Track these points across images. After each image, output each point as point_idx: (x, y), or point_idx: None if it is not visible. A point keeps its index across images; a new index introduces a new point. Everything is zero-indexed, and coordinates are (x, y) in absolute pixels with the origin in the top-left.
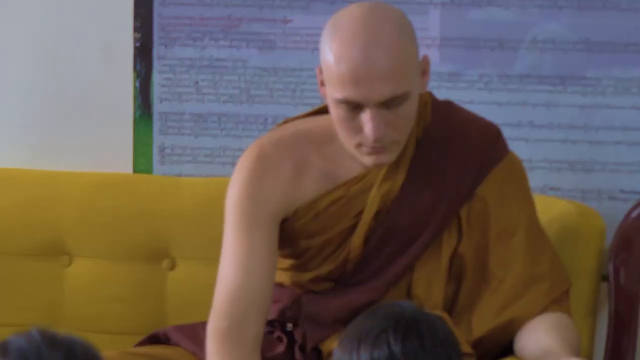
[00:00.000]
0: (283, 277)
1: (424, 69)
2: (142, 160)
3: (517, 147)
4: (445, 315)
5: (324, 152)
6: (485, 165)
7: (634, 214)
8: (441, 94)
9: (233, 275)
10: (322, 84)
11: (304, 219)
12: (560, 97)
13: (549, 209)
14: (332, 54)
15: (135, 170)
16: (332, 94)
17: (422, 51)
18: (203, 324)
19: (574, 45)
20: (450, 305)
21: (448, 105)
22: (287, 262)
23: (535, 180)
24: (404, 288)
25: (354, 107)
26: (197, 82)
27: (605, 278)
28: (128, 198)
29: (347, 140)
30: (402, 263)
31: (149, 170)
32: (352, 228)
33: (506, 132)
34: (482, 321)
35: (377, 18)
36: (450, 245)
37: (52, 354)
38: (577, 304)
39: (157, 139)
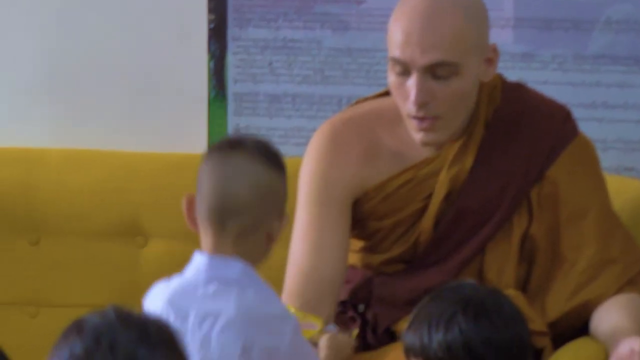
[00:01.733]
0: (354, 259)
1: (489, 57)
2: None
3: (590, 127)
4: (518, 294)
5: (395, 133)
6: (556, 146)
7: None
8: (514, 75)
9: (305, 255)
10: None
11: (373, 201)
12: (634, 77)
13: (623, 189)
14: (394, 17)
15: None
16: (389, 53)
17: (496, 32)
18: None
19: None
20: (522, 288)
21: (518, 88)
22: (358, 244)
23: (609, 160)
24: (475, 270)
25: (403, 71)
26: (271, 63)
27: None
28: None
29: (401, 109)
30: (472, 245)
31: None
32: (422, 210)
33: (580, 113)
34: (555, 304)
35: None
36: (520, 227)
37: (126, 333)
38: None
39: (232, 120)
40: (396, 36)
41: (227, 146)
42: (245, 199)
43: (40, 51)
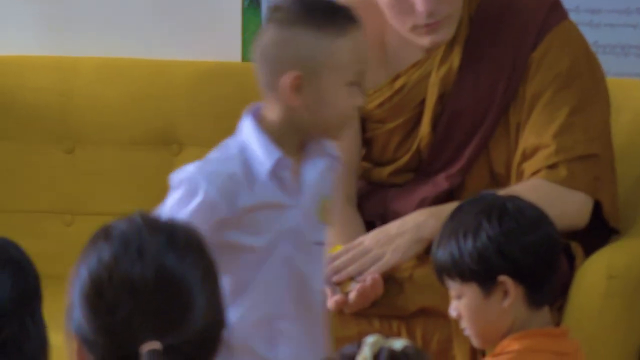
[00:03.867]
0: (366, 174)
1: None
2: (251, 49)
3: (625, 33)
4: None
5: (393, 30)
6: (541, 31)
7: None
8: None
9: None
10: None
11: (369, 106)
12: None
13: None
14: None
15: (244, 59)
16: None
17: None
18: None
19: None
20: None
21: None
22: (365, 159)
23: None
24: (486, 168)
25: None
26: None
27: None
28: (237, 86)
29: (400, 26)
30: (475, 144)
31: None
32: (418, 116)
33: (614, 19)
34: None
35: None
36: (516, 119)
37: (154, 238)
38: None
39: None
40: None
41: None
42: None
43: None
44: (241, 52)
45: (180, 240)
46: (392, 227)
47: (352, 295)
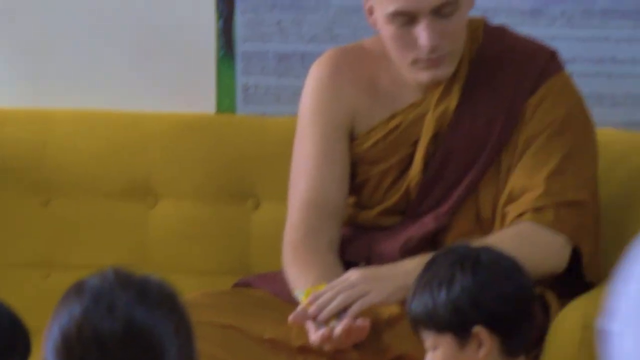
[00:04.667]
0: (351, 217)
1: None
2: (226, 100)
3: (599, 83)
4: None
5: (389, 72)
6: (538, 82)
7: None
8: (523, 31)
9: (305, 183)
10: (371, 11)
11: (363, 146)
12: None
13: (632, 144)
14: None
15: (218, 111)
16: (385, 10)
17: None
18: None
19: None
20: None
21: (501, 29)
22: (352, 200)
23: (618, 115)
24: (473, 210)
25: (407, 20)
26: (279, 22)
27: None
28: (212, 138)
29: (401, 60)
30: (464, 186)
31: (232, 110)
32: (411, 156)
33: (589, 68)
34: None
35: None
36: (507, 163)
37: (125, 293)
38: None
39: (241, 79)
40: None
41: None
42: None
43: (47, 10)
44: (215, 104)
45: (152, 294)
46: (382, 268)
47: (338, 330)
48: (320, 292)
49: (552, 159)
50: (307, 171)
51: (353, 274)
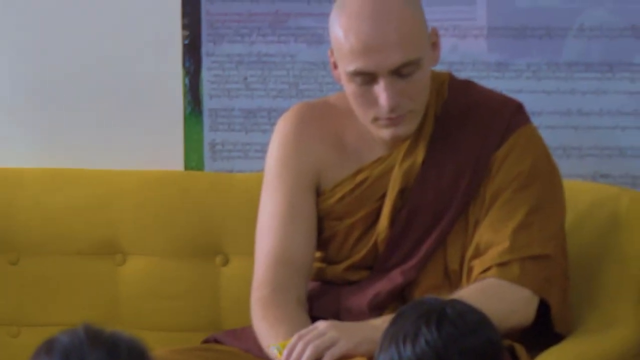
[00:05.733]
0: (317, 273)
1: (433, 42)
2: (194, 157)
3: (566, 135)
4: None
5: (354, 128)
6: (506, 131)
7: None
8: (489, 84)
9: (272, 239)
10: (335, 66)
11: (329, 201)
12: (609, 83)
13: (600, 196)
14: (341, 29)
15: (186, 167)
16: (345, 68)
17: (470, 42)
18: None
19: (621, 32)
20: None
21: (466, 83)
22: (319, 256)
23: (585, 168)
24: (441, 264)
25: (368, 79)
26: (246, 78)
27: None
28: (180, 195)
29: (363, 117)
30: (432, 240)
31: (200, 166)
32: (378, 210)
33: (555, 120)
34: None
35: None
36: (476, 217)
37: (95, 352)
38: (629, 290)
39: (208, 136)
40: (353, 47)
41: None
42: None
43: (16, 70)
44: (183, 161)
45: (123, 351)
46: (349, 322)
47: None
48: (291, 344)
49: (518, 212)
50: (273, 226)
51: (321, 324)
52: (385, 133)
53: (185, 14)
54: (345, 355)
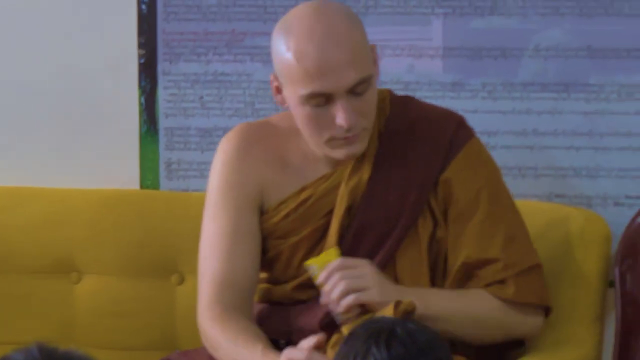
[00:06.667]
0: (266, 294)
1: (374, 58)
2: (149, 176)
3: (522, 155)
4: None
5: (298, 147)
6: (450, 151)
7: None
8: (445, 104)
9: (217, 260)
10: (279, 90)
11: (273, 219)
12: (564, 104)
13: (555, 215)
14: (291, 52)
15: (142, 186)
16: (298, 92)
17: (426, 61)
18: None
19: (577, 52)
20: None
21: (407, 99)
22: (266, 277)
23: (540, 188)
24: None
25: (323, 101)
26: (202, 97)
27: (611, 284)
28: (136, 214)
29: (316, 138)
30: (381, 256)
31: (155, 185)
32: (323, 228)
33: (511, 140)
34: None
35: (327, 11)
36: (427, 232)
37: None
38: (585, 309)
39: (164, 155)
40: (308, 70)
41: None
42: None
43: None
44: (139, 180)
45: None
46: (389, 281)
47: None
48: (330, 268)
49: (499, 228)
50: (218, 246)
51: (367, 266)
52: (340, 153)
53: (141, 32)
54: (369, 304)
